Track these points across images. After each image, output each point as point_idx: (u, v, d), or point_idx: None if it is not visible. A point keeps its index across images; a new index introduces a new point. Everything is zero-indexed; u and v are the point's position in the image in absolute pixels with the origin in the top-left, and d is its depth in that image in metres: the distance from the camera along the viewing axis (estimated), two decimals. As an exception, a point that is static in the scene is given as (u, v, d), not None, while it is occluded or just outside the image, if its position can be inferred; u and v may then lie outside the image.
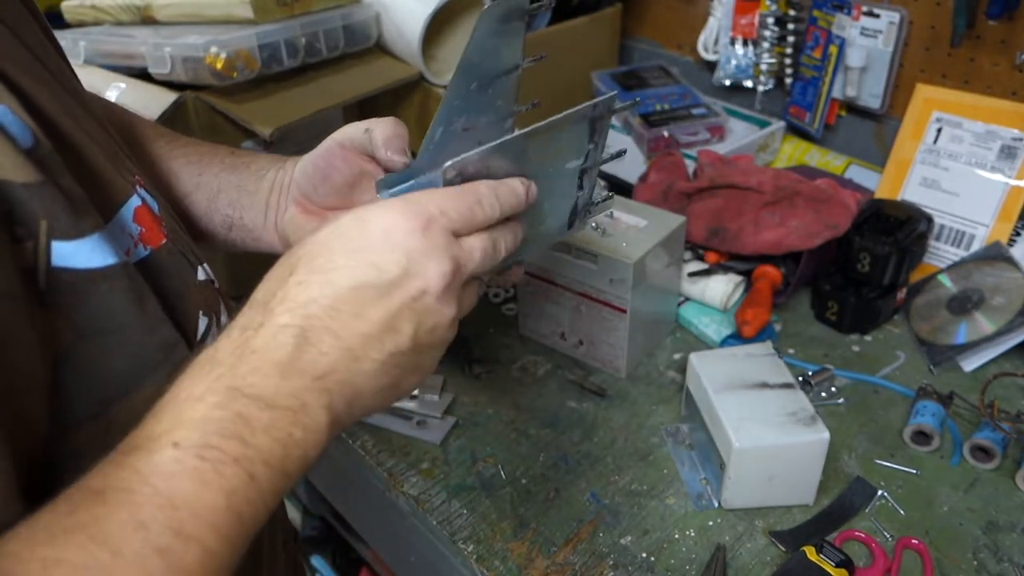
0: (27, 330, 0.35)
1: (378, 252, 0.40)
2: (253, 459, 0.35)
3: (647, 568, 0.66)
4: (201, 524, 0.32)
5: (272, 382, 0.37)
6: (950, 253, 0.96)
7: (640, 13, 1.36)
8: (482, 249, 0.45)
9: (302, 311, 0.39)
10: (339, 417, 0.39)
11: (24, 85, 0.39)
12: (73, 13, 0.98)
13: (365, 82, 0.99)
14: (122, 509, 0.31)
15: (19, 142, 0.36)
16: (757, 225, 0.93)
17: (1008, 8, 0.92)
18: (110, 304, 0.40)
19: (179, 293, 0.46)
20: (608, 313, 0.83)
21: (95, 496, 0.32)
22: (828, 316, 0.93)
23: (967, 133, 0.96)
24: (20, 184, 0.35)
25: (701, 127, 1.12)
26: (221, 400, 0.35)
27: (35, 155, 0.36)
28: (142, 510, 0.32)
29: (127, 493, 0.32)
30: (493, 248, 0.46)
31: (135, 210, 0.44)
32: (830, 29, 1.09)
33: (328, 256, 0.41)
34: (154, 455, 0.33)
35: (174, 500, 0.32)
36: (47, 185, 0.36)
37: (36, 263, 0.36)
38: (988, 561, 0.66)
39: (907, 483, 0.74)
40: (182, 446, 0.33)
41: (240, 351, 0.37)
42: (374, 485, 0.78)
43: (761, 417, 0.69)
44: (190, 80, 0.85)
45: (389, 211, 0.42)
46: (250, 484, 0.34)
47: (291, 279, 0.40)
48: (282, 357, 0.38)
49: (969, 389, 0.83)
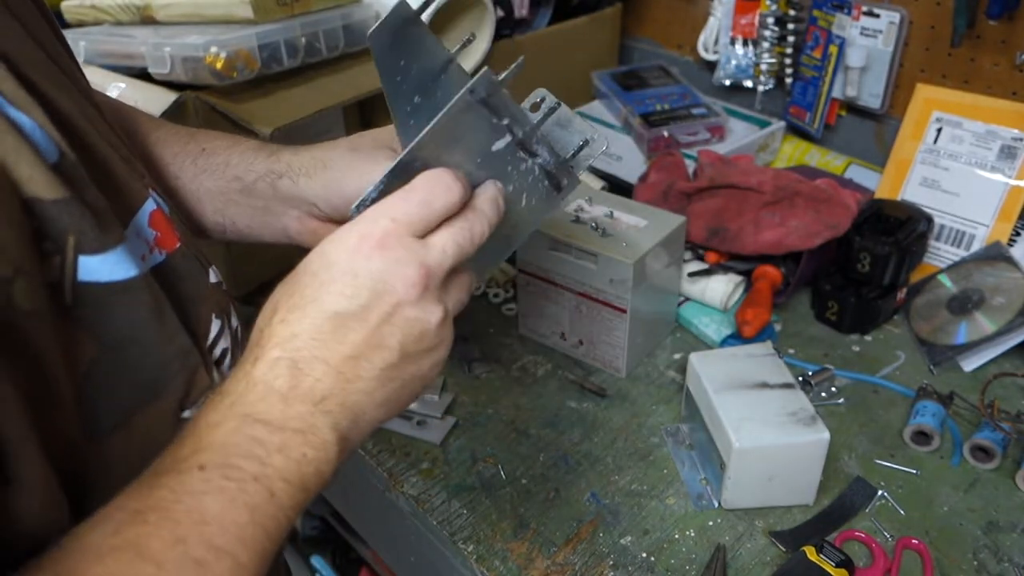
0: (53, 345, 0.36)
1: (344, 281, 0.42)
2: (271, 477, 0.37)
3: (647, 568, 0.66)
4: (230, 538, 0.35)
5: (277, 408, 0.39)
6: (950, 253, 0.96)
7: (640, 13, 1.36)
8: (452, 241, 0.44)
9: (289, 344, 0.41)
10: (347, 434, 0.41)
11: (47, 91, 0.39)
12: (73, 13, 0.98)
13: (365, 82, 0.99)
14: (163, 527, 0.34)
15: (46, 156, 0.36)
16: (757, 225, 0.93)
17: (1008, 8, 0.92)
18: (132, 316, 0.41)
19: (193, 297, 0.46)
20: (608, 313, 0.83)
21: (135, 515, 0.34)
22: (828, 316, 0.93)
23: (967, 133, 0.96)
24: (50, 201, 0.36)
25: (701, 127, 1.12)
26: (236, 425, 0.38)
27: (61, 169, 0.37)
28: (180, 526, 0.34)
29: (165, 511, 0.34)
30: (468, 234, 0.45)
31: (150, 214, 0.45)
32: (830, 29, 1.09)
33: (301, 293, 0.42)
34: (183, 476, 0.36)
35: (205, 516, 0.35)
36: (74, 201, 0.37)
37: (63, 278, 0.37)
38: (988, 561, 0.66)
39: (907, 483, 0.74)
40: (207, 467, 0.36)
41: (245, 382, 0.40)
42: (374, 485, 0.78)
43: (761, 417, 0.69)
44: (190, 80, 0.85)
45: (345, 238, 0.43)
46: (271, 500, 0.37)
47: (274, 319, 0.42)
48: (281, 386, 0.40)
49: (969, 389, 0.83)
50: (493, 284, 1.00)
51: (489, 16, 1.06)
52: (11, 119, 0.35)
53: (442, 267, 0.44)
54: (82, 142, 0.41)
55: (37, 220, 0.35)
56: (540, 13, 1.21)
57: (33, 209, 0.35)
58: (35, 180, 0.35)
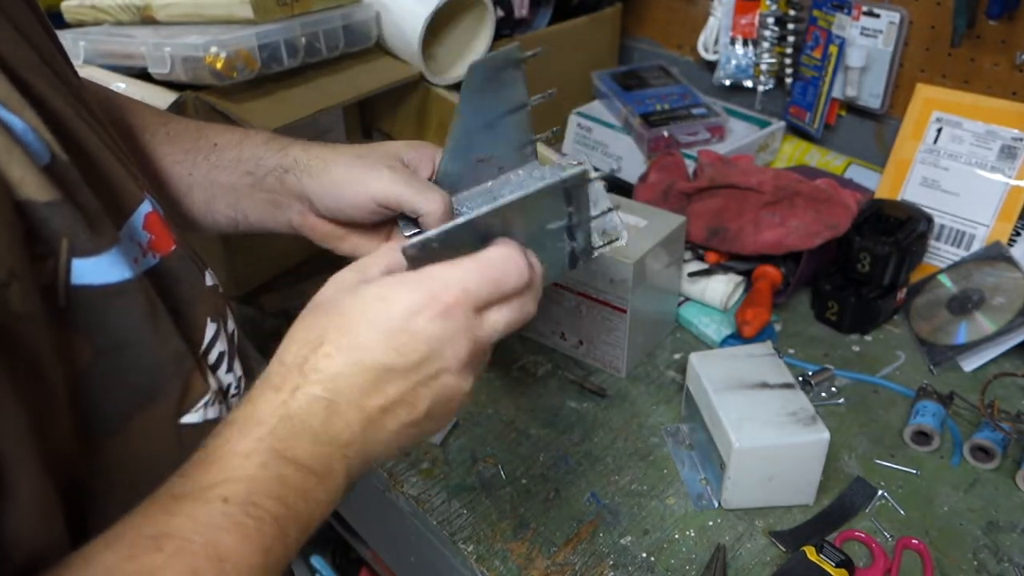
0: (48, 349, 0.35)
1: (401, 337, 0.42)
2: (288, 518, 0.37)
3: (647, 568, 0.66)
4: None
5: (307, 448, 0.39)
6: (950, 253, 0.96)
7: (640, 13, 1.36)
8: (505, 321, 0.46)
9: (331, 384, 0.41)
10: (353, 477, 0.42)
11: (41, 92, 0.39)
12: (73, 13, 0.98)
13: (365, 82, 0.99)
14: (179, 559, 0.34)
15: (37, 158, 0.36)
16: (757, 225, 0.93)
17: (1008, 8, 0.92)
18: (126, 320, 0.40)
19: (188, 300, 0.46)
20: (608, 313, 0.83)
21: (151, 542, 0.34)
22: (828, 316, 0.93)
23: (967, 133, 0.96)
24: (43, 203, 0.35)
25: (701, 127, 1.12)
26: (265, 460, 0.38)
27: (53, 171, 0.37)
28: (196, 559, 0.34)
29: (182, 542, 0.34)
30: (520, 315, 0.47)
31: (145, 216, 0.44)
32: (830, 29, 1.09)
33: (354, 334, 0.42)
34: (206, 506, 0.36)
35: (220, 552, 0.35)
36: (66, 203, 0.36)
37: (56, 281, 0.37)
38: (988, 561, 0.66)
39: (907, 483, 0.74)
40: (231, 502, 0.36)
41: (279, 413, 0.40)
42: (374, 485, 0.78)
43: (761, 417, 0.69)
44: (190, 80, 0.85)
45: (412, 293, 0.43)
46: (282, 540, 0.37)
47: (320, 350, 0.42)
48: (315, 425, 0.40)
49: (969, 389, 0.83)
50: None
51: (489, 16, 1.06)
52: (2, 120, 0.35)
53: (490, 342, 0.46)
54: (76, 144, 0.40)
55: (29, 222, 0.35)
56: (540, 13, 1.21)
57: (25, 211, 0.35)
58: (27, 182, 0.35)
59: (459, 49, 1.10)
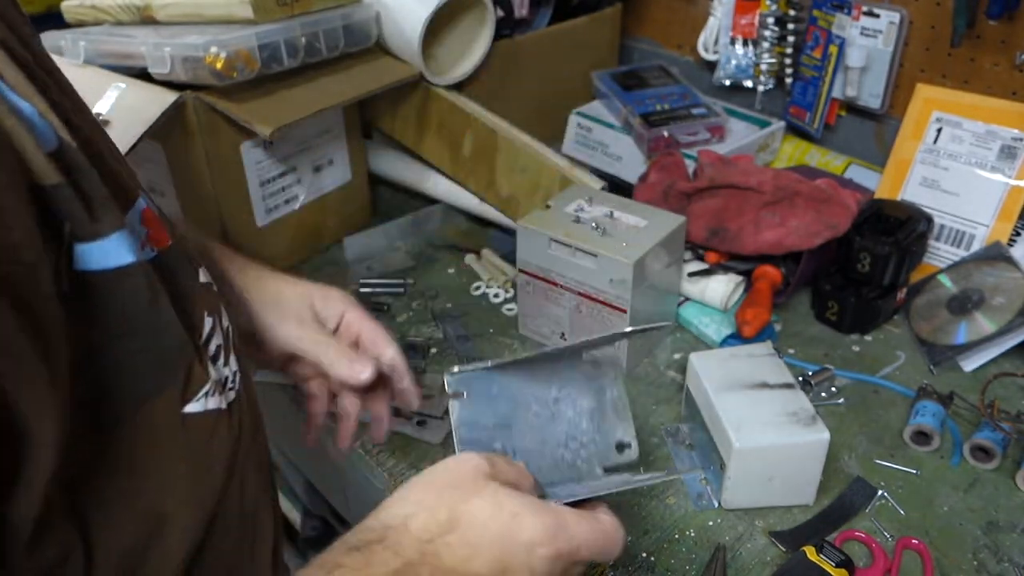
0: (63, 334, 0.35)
1: (515, 561, 0.45)
2: None
3: (647, 568, 0.66)
4: None
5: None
6: (950, 253, 0.96)
7: (640, 13, 1.36)
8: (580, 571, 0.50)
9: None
10: None
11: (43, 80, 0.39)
12: (73, 13, 0.98)
13: (365, 82, 0.99)
14: None
15: (44, 143, 0.36)
16: (757, 225, 0.93)
17: (1008, 8, 0.92)
18: (132, 305, 0.40)
19: (185, 294, 0.46)
20: (608, 313, 0.83)
21: None
22: (828, 316, 0.93)
23: (967, 133, 0.96)
24: (49, 187, 0.36)
25: (701, 127, 1.12)
26: None
27: (60, 156, 0.37)
28: None
29: None
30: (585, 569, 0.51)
31: (142, 212, 0.45)
32: (830, 29, 1.09)
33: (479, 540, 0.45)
34: None
35: None
36: (69, 187, 0.37)
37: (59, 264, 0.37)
38: (988, 561, 0.66)
39: (907, 483, 0.74)
40: None
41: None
42: (374, 485, 0.78)
43: (761, 417, 0.69)
44: (190, 80, 0.85)
45: (540, 527, 0.46)
46: None
47: (448, 536, 0.45)
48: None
49: (969, 389, 0.83)
50: (493, 284, 1.00)
51: (489, 16, 1.06)
52: (12, 105, 0.35)
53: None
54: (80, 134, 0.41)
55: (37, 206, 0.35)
56: (540, 13, 1.21)
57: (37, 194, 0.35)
58: (36, 166, 0.35)
59: (459, 49, 1.10)
